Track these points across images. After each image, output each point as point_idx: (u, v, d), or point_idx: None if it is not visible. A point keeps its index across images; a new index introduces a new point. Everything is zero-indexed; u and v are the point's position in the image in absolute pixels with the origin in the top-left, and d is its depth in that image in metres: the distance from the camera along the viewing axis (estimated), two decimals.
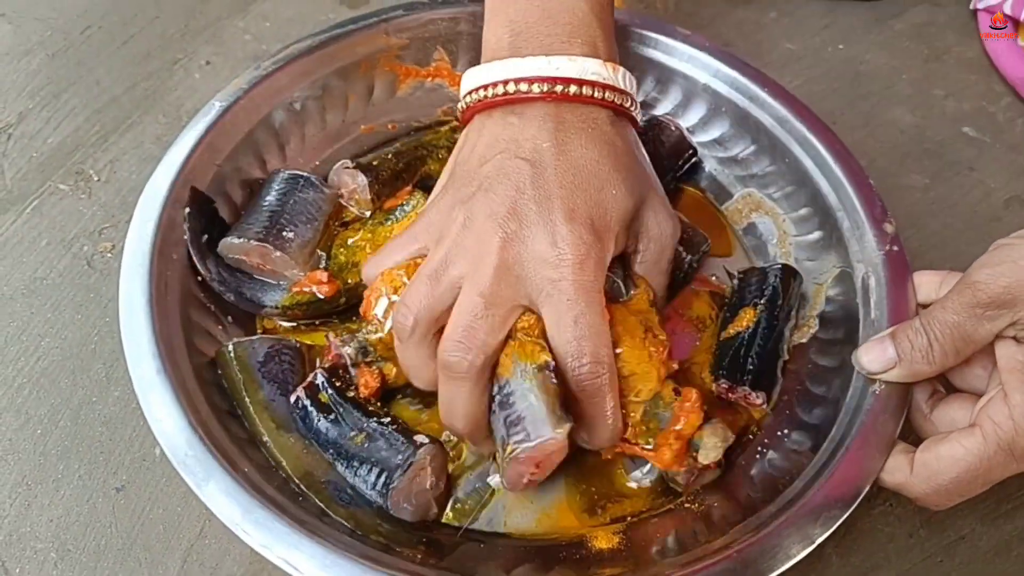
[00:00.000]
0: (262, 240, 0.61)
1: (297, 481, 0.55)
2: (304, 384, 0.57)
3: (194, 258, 0.61)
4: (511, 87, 0.56)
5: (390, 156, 0.68)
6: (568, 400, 0.51)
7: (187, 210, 0.61)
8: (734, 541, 0.50)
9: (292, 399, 0.57)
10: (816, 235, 0.66)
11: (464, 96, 0.59)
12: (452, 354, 0.51)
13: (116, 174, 0.73)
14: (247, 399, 0.58)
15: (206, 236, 0.62)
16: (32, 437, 0.61)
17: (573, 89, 0.55)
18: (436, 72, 0.74)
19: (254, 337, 0.61)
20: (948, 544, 0.60)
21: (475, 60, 0.65)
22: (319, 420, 0.56)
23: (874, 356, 0.55)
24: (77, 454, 0.60)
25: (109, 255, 0.68)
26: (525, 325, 0.52)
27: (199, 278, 0.61)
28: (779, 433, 0.59)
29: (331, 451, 0.56)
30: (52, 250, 0.69)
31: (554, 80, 0.55)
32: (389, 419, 0.56)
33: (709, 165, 0.73)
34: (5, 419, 0.61)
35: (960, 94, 0.84)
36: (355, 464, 0.55)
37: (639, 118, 0.61)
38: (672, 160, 0.71)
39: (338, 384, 0.57)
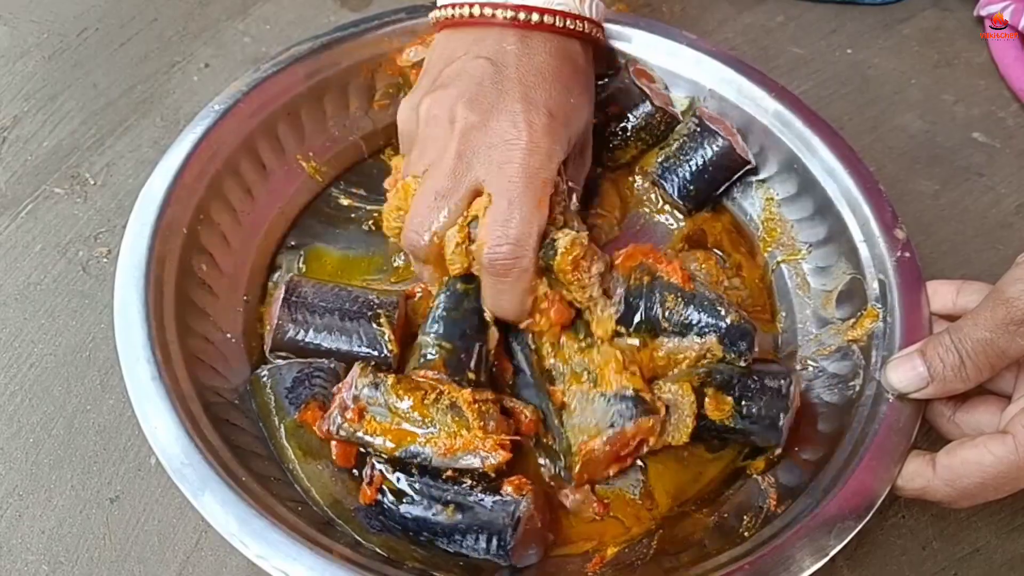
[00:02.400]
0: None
1: (326, 509, 0.54)
2: (371, 483, 0.53)
3: None
4: (476, 10, 0.58)
5: None
6: None
7: None
8: (746, 553, 0.49)
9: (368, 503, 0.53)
10: (825, 242, 0.65)
11: (435, 8, 0.61)
12: (409, 238, 0.57)
13: (112, 178, 0.72)
14: (275, 424, 0.57)
15: None
16: (24, 446, 0.59)
17: (536, 17, 0.57)
18: None
19: (282, 363, 0.59)
20: (962, 557, 0.58)
21: None
22: (400, 509, 0.52)
23: (904, 376, 0.53)
24: (70, 464, 0.59)
25: (105, 260, 0.67)
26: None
27: None
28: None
29: (425, 535, 0.52)
30: (46, 255, 0.67)
31: (518, 7, 0.57)
32: (470, 481, 0.52)
33: None
34: None
35: (969, 99, 0.83)
36: (457, 537, 0.52)
37: (602, 40, 0.64)
38: (718, 173, 0.68)
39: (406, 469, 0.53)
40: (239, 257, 0.64)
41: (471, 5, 0.58)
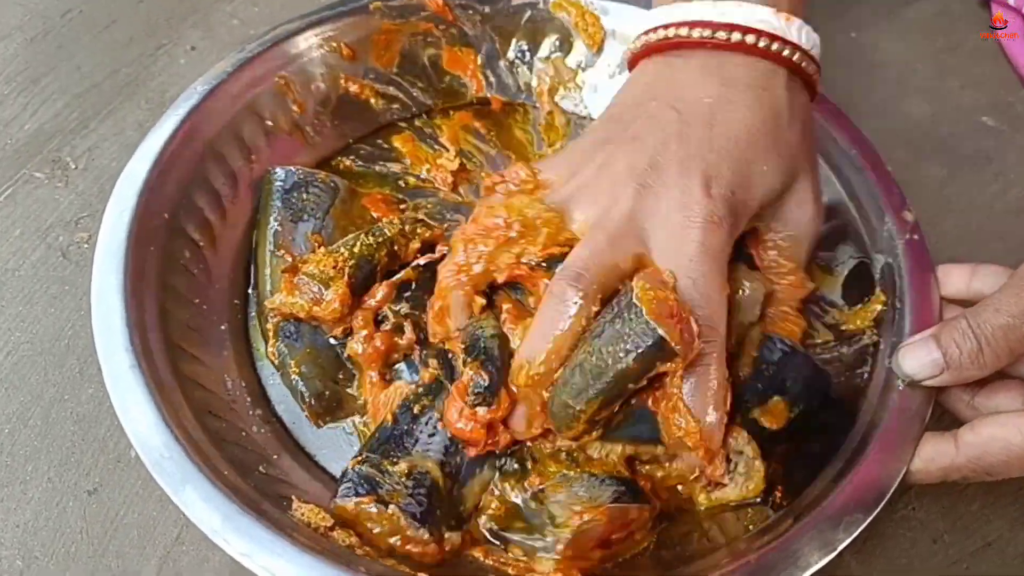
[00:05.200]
0: None
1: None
2: None
3: None
4: (671, 31, 0.53)
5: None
6: None
7: None
8: (751, 547, 0.47)
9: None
10: (829, 223, 0.63)
11: (631, 43, 0.57)
12: (563, 284, 0.48)
13: (95, 162, 0.70)
14: (261, 220, 0.62)
15: None
16: None
17: (736, 36, 0.52)
18: None
19: (293, 168, 0.63)
20: (975, 550, 0.56)
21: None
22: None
23: (918, 362, 0.51)
24: (47, 455, 0.56)
25: (86, 246, 0.65)
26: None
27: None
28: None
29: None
30: (26, 240, 0.65)
31: (716, 26, 0.52)
32: None
33: None
34: None
35: (977, 84, 0.81)
36: None
37: (818, 81, 0.56)
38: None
39: None
40: (223, 242, 0.61)
41: (665, 27, 0.54)
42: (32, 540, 0.53)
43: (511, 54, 0.72)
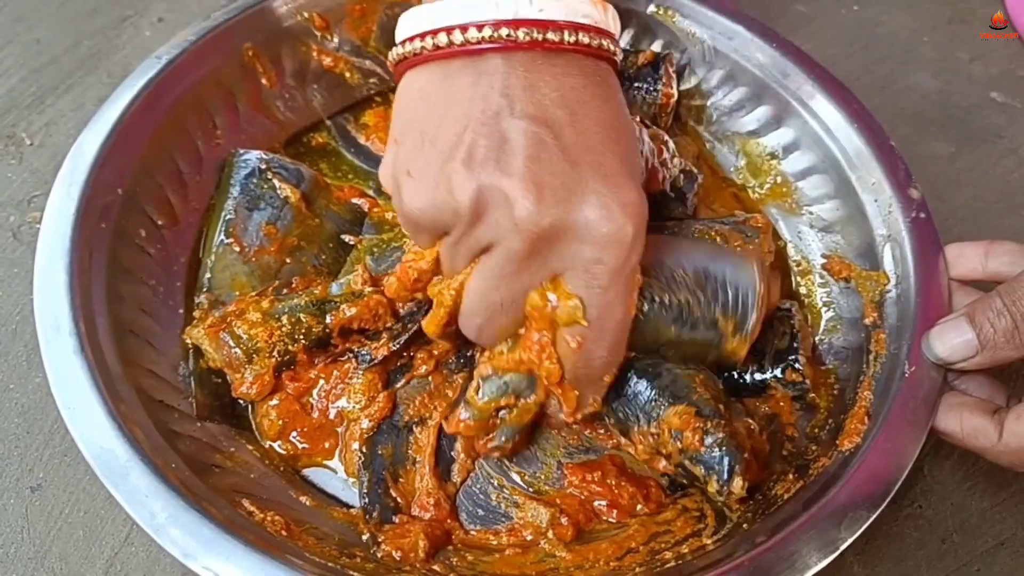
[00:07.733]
0: None
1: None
2: None
3: None
4: (488, 32, 0.42)
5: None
6: None
7: None
8: (745, 547, 0.43)
9: None
10: (831, 203, 0.60)
11: (409, 43, 0.45)
12: (466, 325, 0.47)
13: (52, 138, 0.66)
14: (216, 204, 0.58)
15: None
16: None
17: (569, 37, 0.43)
18: None
19: (260, 152, 0.59)
20: (986, 551, 0.53)
21: None
22: None
23: (951, 343, 0.48)
24: None
25: (38, 226, 0.59)
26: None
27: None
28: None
29: None
30: None
31: (544, 25, 0.42)
32: None
33: (713, 128, 0.66)
34: None
35: (986, 57, 0.77)
36: None
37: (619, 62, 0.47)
38: None
39: None
40: (184, 221, 0.58)
41: (478, 27, 0.42)
42: None
43: None
